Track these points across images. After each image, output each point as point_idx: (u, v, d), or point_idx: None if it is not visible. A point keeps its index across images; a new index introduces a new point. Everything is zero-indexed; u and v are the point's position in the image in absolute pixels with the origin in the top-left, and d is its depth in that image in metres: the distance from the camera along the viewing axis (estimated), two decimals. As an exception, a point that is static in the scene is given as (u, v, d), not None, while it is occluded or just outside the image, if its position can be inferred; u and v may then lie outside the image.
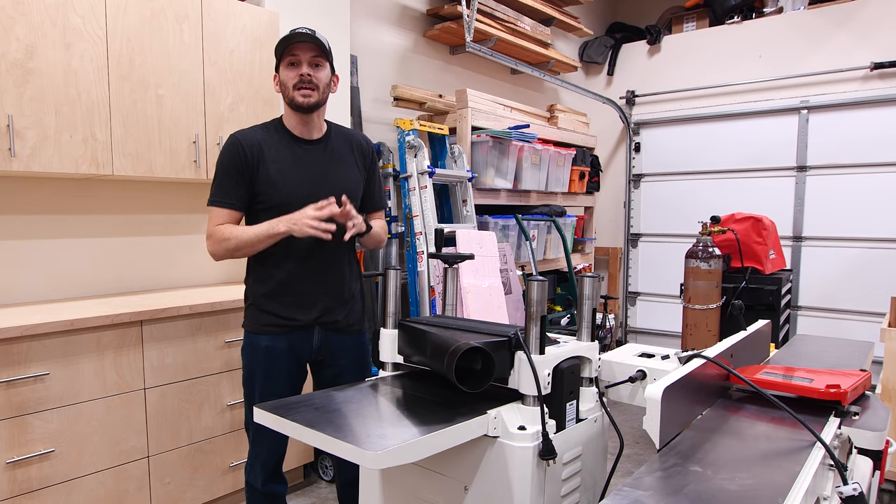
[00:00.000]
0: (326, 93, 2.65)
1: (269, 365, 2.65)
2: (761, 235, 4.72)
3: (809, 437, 1.77)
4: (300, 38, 2.52)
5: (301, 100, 2.55)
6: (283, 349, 2.65)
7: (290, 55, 2.56)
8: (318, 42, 2.54)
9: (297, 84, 2.55)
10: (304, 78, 2.54)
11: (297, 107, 2.58)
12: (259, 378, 2.66)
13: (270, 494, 2.75)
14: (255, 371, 2.67)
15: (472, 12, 4.74)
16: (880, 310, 5.77)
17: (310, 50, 2.55)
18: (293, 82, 2.55)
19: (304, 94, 2.55)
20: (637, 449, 4.65)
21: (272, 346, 2.64)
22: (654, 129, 7.13)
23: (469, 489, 1.93)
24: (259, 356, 2.65)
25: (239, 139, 2.60)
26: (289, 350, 2.66)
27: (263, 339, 2.64)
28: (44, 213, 3.47)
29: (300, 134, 2.67)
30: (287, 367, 2.68)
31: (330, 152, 2.72)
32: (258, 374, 2.66)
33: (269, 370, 2.65)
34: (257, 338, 2.66)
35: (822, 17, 5.99)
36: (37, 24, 3.00)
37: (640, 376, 2.18)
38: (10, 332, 2.74)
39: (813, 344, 2.98)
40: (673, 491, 1.48)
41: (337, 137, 2.76)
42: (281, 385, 2.66)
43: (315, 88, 2.57)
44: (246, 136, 2.61)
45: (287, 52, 2.56)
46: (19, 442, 2.82)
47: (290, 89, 2.57)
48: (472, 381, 1.92)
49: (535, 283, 1.90)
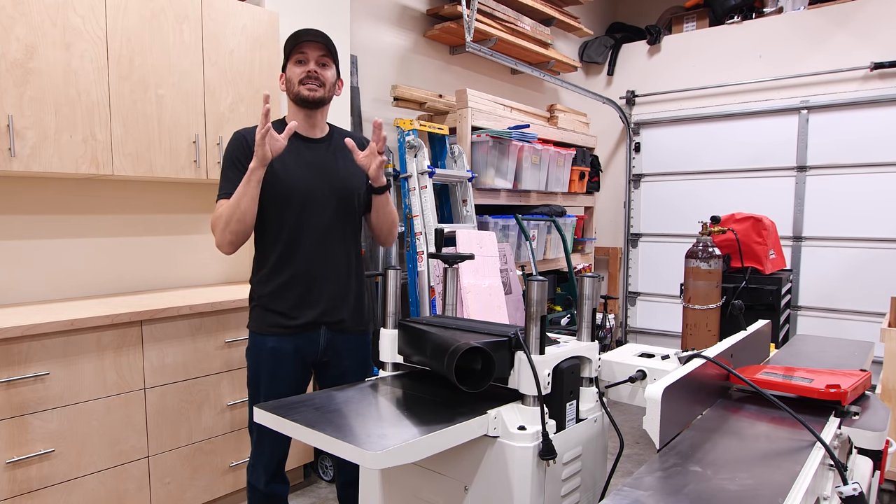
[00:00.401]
0: (331, 92, 2.68)
1: (275, 366, 2.65)
2: (761, 235, 4.73)
3: (809, 437, 1.77)
4: (309, 37, 2.57)
5: (306, 93, 2.58)
6: (290, 351, 2.65)
7: (299, 53, 2.59)
8: (326, 42, 2.59)
9: (304, 79, 2.58)
10: (311, 73, 2.58)
11: (303, 101, 2.60)
12: (264, 380, 2.66)
13: (272, 495, 2.75)
14: (260, 372, 2.67)
15: (472, 12, 4.75)
16: (880, 310, 5.78)
17: (318, 49, 2.60)
18: (299, 77, 2.59)
19: (309, 88, 2.59)
20: (637, 449, 4.66)
21: (278, 347, 2.64)
22: (654, 129, 7.14)
23: (469, 489, 1.93)
24: (265, 357, 2.65)
25: (243, 133, 2.64)
26: (295, 352, 2.66)
27: (269, 341, 2.64)
28: (44, 213, 3.48)
29: (303, 132, 2.68)
30: (293, 368, 2.68)
31: (332, 150, 2.74)
32: (263, 375, 2.66)
33: (275, 372, 2.65)
34: (263, 339, 2.66)
35: (822, 17, 5.99)
36: (37, 24, 3.01)
37: (640, 376, 2.18)
38: (10, 331, 2.74)
39: (813, 344, 2.98)
40: (673, 491, 1.48)
41: (339, 138, 2.77)
42: (286, 387, 2.66)
43: (322, 85, 2.61)
44: (250, 131, 2.62)
45: (296, 50, 2.59)
46: (19, 442, 2.83)
47: (295, 84, 2.60)
48: (472, 381, 1.92)
49: (535, 283, 1.90)
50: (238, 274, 4.35)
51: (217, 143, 3.71)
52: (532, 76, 6.44)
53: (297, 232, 2.62)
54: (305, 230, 2.63)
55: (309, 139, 2.70)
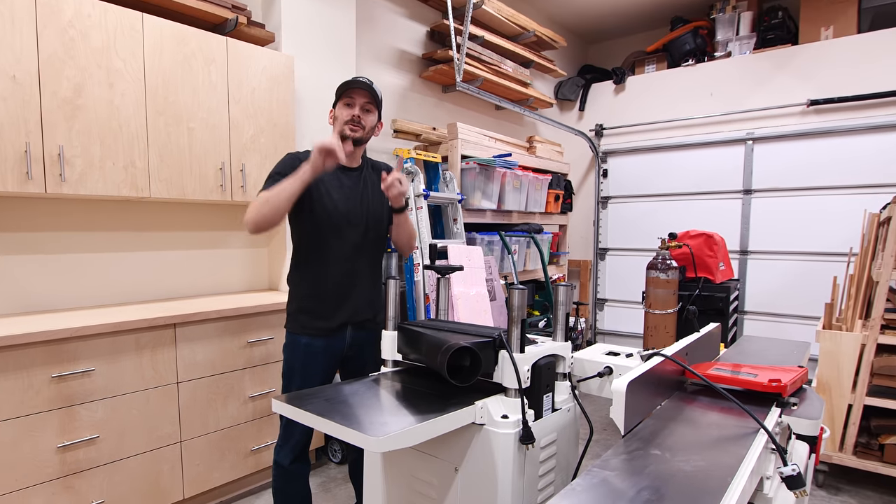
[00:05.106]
0: (370, 134, 2.74)
1: (307, 362, 2.68)
2: (712, 250, 4.74)
3: (754, 424, 1.78)
4: (359, 85, 2.64)
5: (349, 132, 2.65)
6: (320, 348, 2.69)
7: (348, 97, 2.66)
8: (372, 91, 2.65)
9: (348, 121, 2.65)
10: (355, 118, 2.65)
11: (345, 138, 2.67)
12: (297, 373, 2.69)
13: (296, 473, 2.76)
14: (294, 367, 2.70)
15: (462, 56, 4.77)
16: (816, 314, 5.82)
17: (364, 96, 2.66)
18: (345, 119, 2.65)
19: (351, 129, 2.66)
20: (605, 435, 4.65)
21: (310, 344, 2.68)
22: (620, 158, 7.15)
23: (459, 470, 1.93)
24: (299, 354, 2.69)
25: (297, 154, 2.70)
26: (324, 349, 2.70)
27: (303, 339, 2.68)
28: (91, 230, 3.47)
29: (342, 162, 2.70)
30: (322, 364, 2.71)
31: (364, 179, 2.78)
32: (297, 369, 2.69)
33: (307, 366, 2.68)
34: (298, 338, 2.70)
35: (765, 61, 6.03)
36: (84, 66, 3.01)
37: (607, 372, 2.19)
38: (61, 333, 2.75)
39: (757, 344, 2.99)
40: (636, 471, 1.49)
41: (368, 168, 2.83)
42: (316, 380, 2.70)
43: (362, 128, 2.67)
44: (300, 154, 2.70)
45: (346, 94, 2.66)
46: (69, 429, 2.82)
47: (341, 123, 2.67)
48: (462, 376, 1.93)
49: (516, 291, 1.91)
50: (259, 283, 4.35)
51: (240, 169, 3.71)
52: (513, 111, 6.46)
53: (333, 248, 2.67)
54: (340, 246, 2.68)
55: (347, 168, 2.75)
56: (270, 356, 3.66)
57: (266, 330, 3.62)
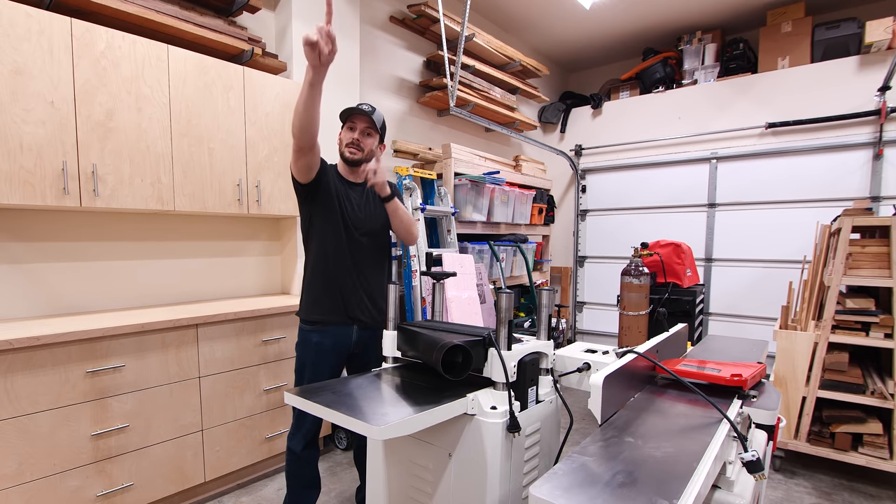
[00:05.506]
0: (370, 155, 2.75)
1: (318, 359, 2.69)
2: (680, 258, 4.75)
3: (718, 415, 1.79)
4: (359, 112, 2.66)
5: (348, 155, 2.70)
6: (330, 345, 2.69)
7: (350, 122, 2.69)
8: (371, 116, 2.66)
9: (349, 144, 2.68)
10: (354, 142, 2.68)
11: (345, 160, 2.72)
12: (308, 369, 2.69)
13: (307, 458, 2.75)
14: (305, 363, 2.71)
15: (455, 84, 4.78)
16: (773, 315, 5.84)
17: (364, 121, 2.67)
18: (347, 142, 2.69)
19: (350, 152, 2.70)
20: (583, 424, 4.65)
21: (321, 342, 2.68)
22: (597, 175, 7.16)
23: (452, 455, 1.94)
24: (310, 352, 2.69)
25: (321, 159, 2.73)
26: (333, 347, 2.70)
27: (314, 336, 2.69)
28: (122, 240, 3.47)
29: (347, 177, 2.79)
30: (331, 361, 2.71)
31: (367, 193, 2.81)
32: (308, 365, 2.70)
33: (317, 363, 2.69)
34: (309, 335, 2.70)
35: (728, 88, 6.06)
36: (115, 92, 3.02)
37: (585, 367, 2.19)
38: (95, 332, 2.76)
39: (720, 342, 2.99)
40: (612, 457, 1.50)
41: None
42: (325, 375, 2.70)
43: (360, 150, 2.70)
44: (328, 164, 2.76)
45: (349, 119, 2.69)
46: (101, 419, 2.82)
47: (342, 145, 2.71)
48: (455, 371, 1.93)
49: (504, 295, 1.92)
50: (272, 288, 4.34)
51: (256, 185, 3.71)
52: (501, 133, 6.48)
53: (343, 252, 2.69)
54: (349, 251, 2.70)
55: (353, 183, 2.78)
56: (283, 353, 3.65)
57: (279, 330, 3.61)
